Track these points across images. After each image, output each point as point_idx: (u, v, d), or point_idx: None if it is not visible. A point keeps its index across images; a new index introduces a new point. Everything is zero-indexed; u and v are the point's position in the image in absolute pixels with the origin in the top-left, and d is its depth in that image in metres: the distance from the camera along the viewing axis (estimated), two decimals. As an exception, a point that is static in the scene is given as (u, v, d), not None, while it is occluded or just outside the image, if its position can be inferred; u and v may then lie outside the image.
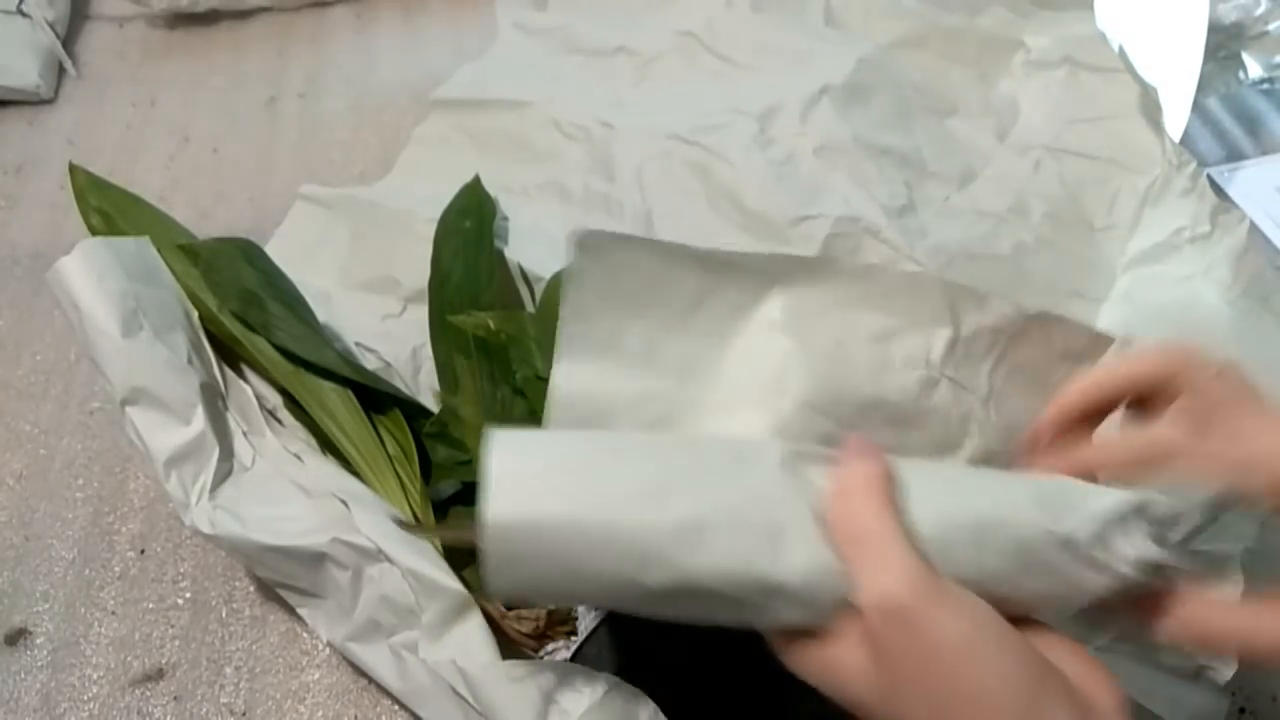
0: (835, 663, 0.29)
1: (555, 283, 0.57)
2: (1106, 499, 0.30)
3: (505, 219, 0.64)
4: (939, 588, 0.27)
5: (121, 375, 0.45)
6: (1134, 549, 0.30)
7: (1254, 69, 0.79)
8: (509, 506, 0.27)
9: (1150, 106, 0.63)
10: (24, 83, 0.78)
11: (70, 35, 0.84)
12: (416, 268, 0.59)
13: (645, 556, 0.27)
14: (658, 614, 0.29)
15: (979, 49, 0.70)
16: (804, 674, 0.30)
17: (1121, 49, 0.65)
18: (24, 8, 0.79)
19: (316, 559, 0.44)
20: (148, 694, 0.49)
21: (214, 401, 0.47)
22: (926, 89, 0.68)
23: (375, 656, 0.45)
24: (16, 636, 0.51)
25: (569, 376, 0.33)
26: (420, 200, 0.63)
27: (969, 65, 0.71)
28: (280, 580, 0.47)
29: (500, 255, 0.59)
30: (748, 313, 0.33)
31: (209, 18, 0.86)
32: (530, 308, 0.59)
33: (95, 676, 0.49)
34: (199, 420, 0.45)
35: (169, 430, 0.45)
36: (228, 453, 0.47)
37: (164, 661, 0.50)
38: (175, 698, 0.49)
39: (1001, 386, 0.33)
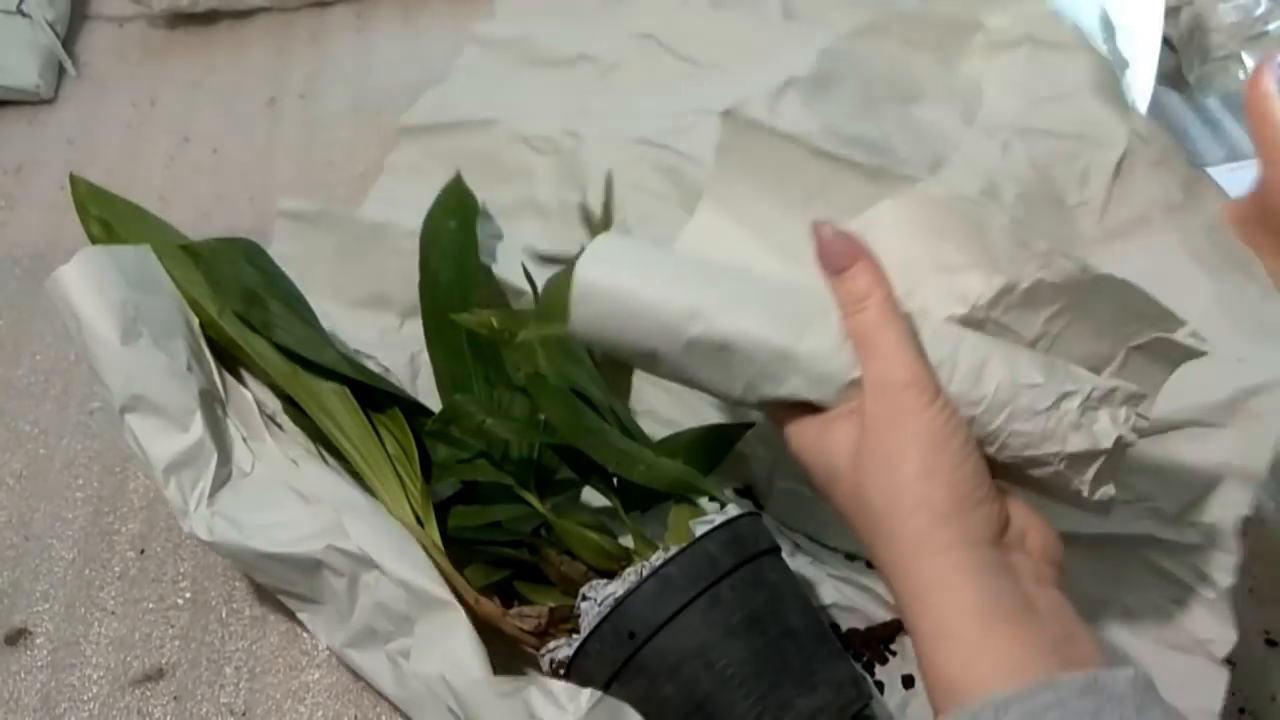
0: (826, 433, 0.35)
1: (554, 283, 0.56)
2: (1102, 379, 0.35)
3: (493, 238, 0.64)
4: (935, 388, 0.33)
5: (120, 383, 0.45)
6: (1115, 425, 0.34)
7: (1254, 69, 0.79)
8: (595, 263, 0.35)
9: (1109, 79, 0.62)
10: (24, 83, 0.78)
11: (70, 35, 0.84)
12: (406, 282, 0.59)
13: (692, 312, 0.34)
14: (690, 373, 0.35)
15: (939, 33, 0.69)
16: (797, 443, 0.36)
17: (1077, 23, 0.64)
18: (24, 8, 0.79)
19: (313, 565, 0.44)
20: (148, 694, 0.49)
21: (213, 408, 0.47)
22: (889, 77, 0.68)
23: (372, 663, 0.45)
24: (16, 636, 0.51)
25: (702, 229, 0.38)
26: (400, 213, 0.62)
27: (930, 50, 0.70)
28: (279, 586, 0.47)
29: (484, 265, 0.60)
30: (850, 215, 0.37)
31: (209, 18, 0.86)
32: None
33: (95, 676, 0.49)
34: (197, 427, 0.45)
35: (168, 437, 0.45)
36: (226, 459, 0.47)
37: (164, 661, 0.50)
38: (175, 698, 0.49)
39: (1060, 330, 0.35)
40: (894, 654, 0.50)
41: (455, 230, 0.59)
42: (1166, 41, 0.85)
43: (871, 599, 0.52)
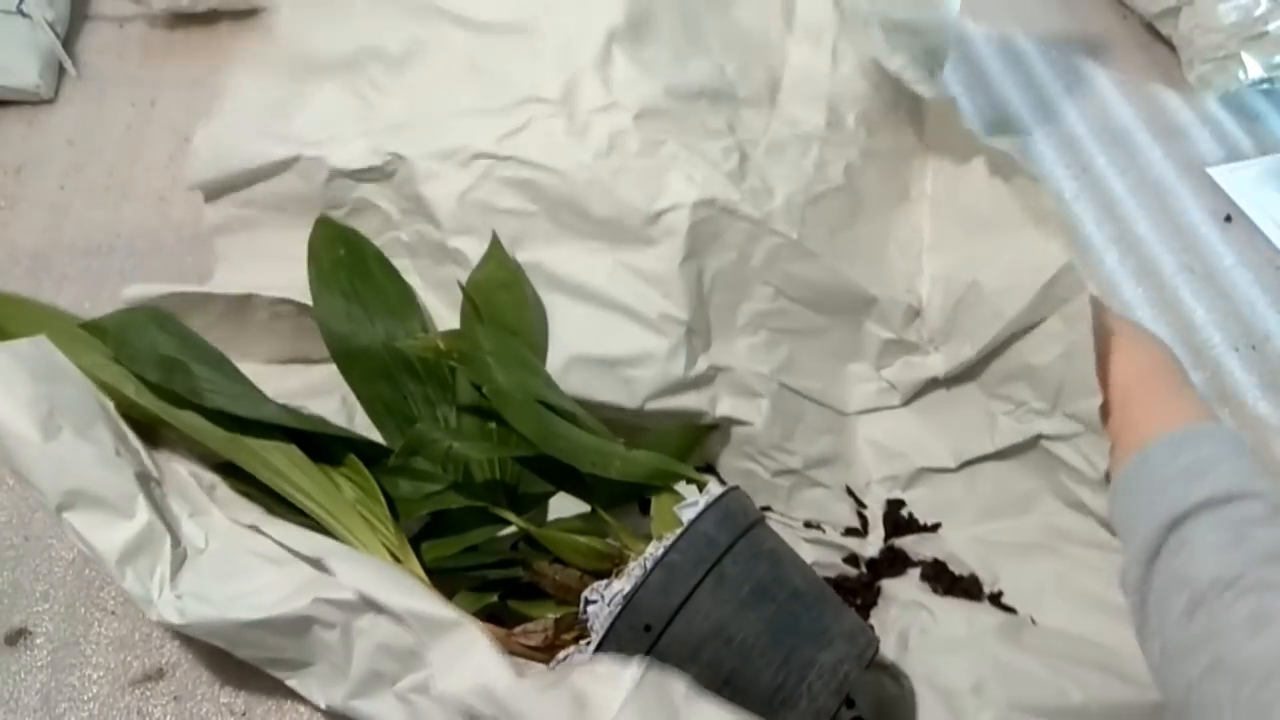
0: None
1: (476, 281, 0.55)
2: None
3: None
4: None
5: (50, 482, 0.42)
6: None
7: (1254, 69, 0.79)
8: None
9: None
10: (24, 83, 0.78)
11: (70, 35, 0.84)
12: (306, 337, 0.56)
13: None
14: None
15: None
16: None
17: None
18: (24, 8, 0.79)
19: (300, 624, 0.42)
20: (148, 694, 0.49)
21: (151, 489, 0.45)
22: None
23: (382, 708, 0.43)
24: (16, 636, 0.51)
25: None
26: (259, 276, 0.58)
27: None
28: (264, 656, 0.45)
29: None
30: None
31: (209, 18, 0.86)
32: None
33: (95, 676, 0.50)
34: (142, 511, 0.43)
35: (113, 528, 0.43)
36: (177, 539, 0.44)
37: (164, 661, 0.50)
38: (175, 698, 0.49)
39: None
40: (879, 589, 0.52)
41: (347, 258, 0.56)
42: (1166, 41, 0.86)
43: (838, 551, 0.54)
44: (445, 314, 0.58)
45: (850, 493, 0.56)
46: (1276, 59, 0.79)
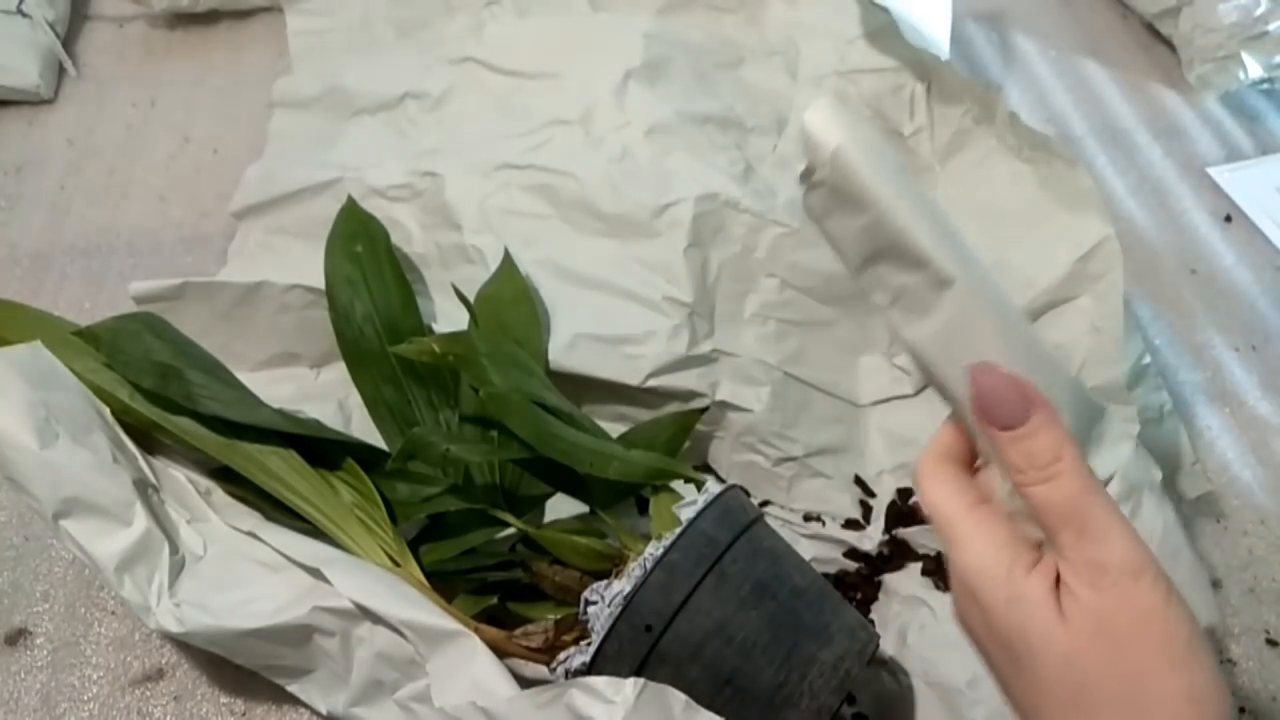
0: (1018, 602, 0.29)
1: (486, 295, 0.56)
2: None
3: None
4: (1165, 575, 0.27)
5: (48, 489, 0.42)
6: None
7: (1254, 69, 0.79)
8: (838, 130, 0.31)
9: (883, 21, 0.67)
10: (24, 83, 0.78)
11: (70, 35, 0.84)
12: (308, 334, 0.58)
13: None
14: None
15: None
16: (973, 580, 0.30)
17: None
18: (24, 8, 0.79)
19: (300, 632, 0.42)
20: (148, 694, 0.49)
21: (149, 496, 0.45)
22: (710, 47, 0.70)
23: (383, 716, 0.43)
24: (16, 636, 0.51)
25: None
26: (269, 275, 0.58)
27: (737, 11, 0.74)
28: (263, 663, 0.45)
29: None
30: None
31: (209, 18, 0.86)
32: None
33: (95, 676, 0.50)
34: (140, 518, 0.43)
35: (111, 535, 0.42)
36: (175, 546, 0.44)
37: (164, 661, 0.50)
38: (175, 698, 0.49)
39: None
40: (880, 584, 0.52)
41: (364, 255, 0.56)
42: (1166, 41, 0.85)
43: (837, 547, 0.54)
44: (455, 314, 0.58)
45: (860, 482, 0.56)
46: (1276, 59, 0.79)
